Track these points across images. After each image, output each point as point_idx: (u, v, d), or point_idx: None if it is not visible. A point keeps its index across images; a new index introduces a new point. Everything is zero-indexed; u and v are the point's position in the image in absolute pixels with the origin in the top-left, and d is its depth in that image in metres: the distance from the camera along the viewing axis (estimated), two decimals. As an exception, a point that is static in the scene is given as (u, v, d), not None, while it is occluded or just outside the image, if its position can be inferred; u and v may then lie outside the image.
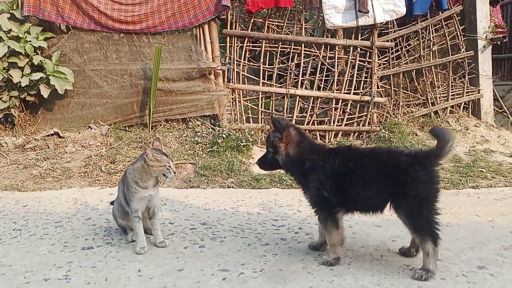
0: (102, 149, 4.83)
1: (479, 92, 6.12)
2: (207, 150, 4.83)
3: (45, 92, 5.06)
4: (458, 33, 6.02)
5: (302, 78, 5.65)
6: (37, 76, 4.96)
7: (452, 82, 6.08)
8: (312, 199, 2.45)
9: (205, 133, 5.08)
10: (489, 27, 6.06)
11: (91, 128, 5.24)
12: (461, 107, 6.13)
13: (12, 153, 4.83)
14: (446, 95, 6.09)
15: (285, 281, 2.25)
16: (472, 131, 5.75)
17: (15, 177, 4.39)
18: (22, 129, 5.21)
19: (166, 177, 2.62)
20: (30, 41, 4.98)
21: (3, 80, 4.96)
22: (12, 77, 4.91)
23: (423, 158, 2.27)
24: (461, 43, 6.05)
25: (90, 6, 5.15)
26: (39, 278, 2.33)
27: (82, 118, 5.34)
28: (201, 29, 5.25)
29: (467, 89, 6.10)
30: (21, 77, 4.94)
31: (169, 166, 2.59)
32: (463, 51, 6.05)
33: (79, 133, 5.17)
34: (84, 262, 2.51)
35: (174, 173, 2.62)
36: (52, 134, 5.03)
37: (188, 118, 5.31)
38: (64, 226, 3.11)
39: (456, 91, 6.12)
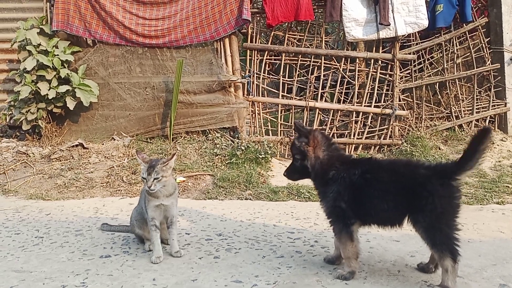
0: (124, 160, 4.93)
1: (505, 106, 5.95)
2: (226, 162, 4.86)
3: (71, 104, 5.22)
4: (483, 46, 5.89)
5: (322, 91, 5.64)
6: (63, 88, 5.13)
7: (477, 95, 5.94)
8: (328, 209, 2.42)
9: (224, 145, 5.12)
10: (515, 39, 5.92)
11: (114, 140, 5.36)
12: (487, 121, 5.97)
13: (38, 163, 4.99)
14: (470, 108, 5.95)
15: (298, 294, 2.23)
16: (498, 145, 5.58)
17: (40, 186, 4.53)
18: (48, 140, 5.37)
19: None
20: (57, 55, 5.17)
21: (32, 93, 5.15)
22: (40, 90, 5.09)
23: (442, 172, 2.22)
24: (487, 56, 5.92)
25: (116, 21, 5.31)
26: (57, 284, 2.38)
27: (106, 129, 5.48)
28: (222, 42, 5.33)
29: (493, 103, 5.95)
30: (49, 90, 5.11)
31: (144, 178, 2.56)
32: (489, 64, 5.91)
33: (103, 144, 5.30)
34: (101, 270, 2.56)
35: (149, 187, 2.53)
36: (76, 145, 5.18)
37: (208, 130, 5.37)
38: (84, 234, 3.17)
39: (481, 105, 5.97)
